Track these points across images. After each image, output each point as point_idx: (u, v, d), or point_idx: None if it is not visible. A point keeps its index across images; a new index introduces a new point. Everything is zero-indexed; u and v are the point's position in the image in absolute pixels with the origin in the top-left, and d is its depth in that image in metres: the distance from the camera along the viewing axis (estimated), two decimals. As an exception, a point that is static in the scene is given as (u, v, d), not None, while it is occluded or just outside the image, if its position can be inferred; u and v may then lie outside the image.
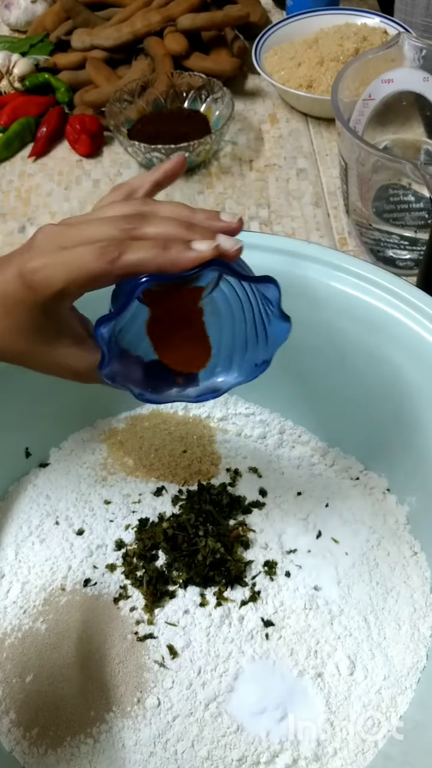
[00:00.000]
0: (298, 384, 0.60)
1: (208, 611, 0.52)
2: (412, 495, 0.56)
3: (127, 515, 0.57)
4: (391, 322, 0.52)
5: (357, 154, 0.67)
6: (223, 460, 0.61)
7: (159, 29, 0.93)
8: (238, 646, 0.50)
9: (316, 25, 0.94)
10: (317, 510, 0.58)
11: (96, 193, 0.85)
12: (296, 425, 0.63)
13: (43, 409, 0.59)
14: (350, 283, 0.54)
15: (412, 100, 0.74)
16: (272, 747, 0.47)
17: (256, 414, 0.63)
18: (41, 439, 0.61)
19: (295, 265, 0.55)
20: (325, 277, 0.54)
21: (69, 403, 0.61)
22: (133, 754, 0.47)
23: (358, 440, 0.60)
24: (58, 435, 0.62)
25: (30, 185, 0.87)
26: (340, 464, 0.60)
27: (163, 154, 0.82)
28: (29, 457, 0.60)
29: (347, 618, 0.52)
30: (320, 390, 0.59)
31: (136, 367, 0.43)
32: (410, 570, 0.54)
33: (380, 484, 0.58)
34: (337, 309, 0.55)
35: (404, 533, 0.56)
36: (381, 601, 0.52)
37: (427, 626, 0.51)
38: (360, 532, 0.56)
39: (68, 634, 0.51)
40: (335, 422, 0.60)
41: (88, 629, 0.52)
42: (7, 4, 1.06)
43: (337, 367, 0.57)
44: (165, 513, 0.58)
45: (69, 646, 0.51)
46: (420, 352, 0.51)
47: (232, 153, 0.88)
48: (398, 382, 0.53)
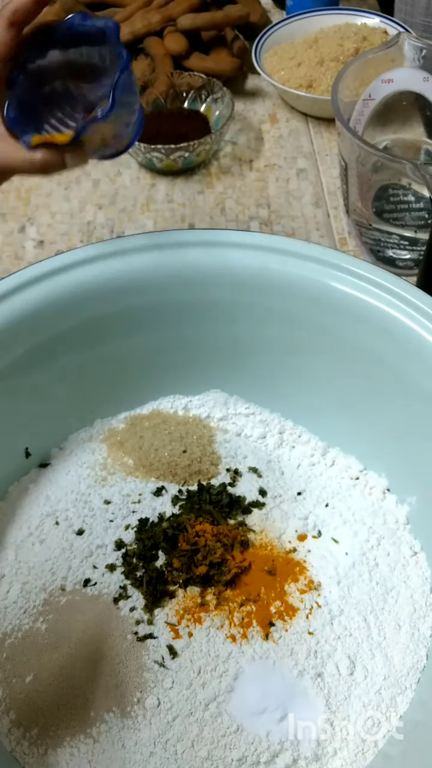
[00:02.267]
0: (298, 384, 0.60)
1: (208, 611, 0.52)
2: (412, 495, 0.56)
3: (127, 515, 0.57)
4: (391, 321, 0.52)
5: (357, 154, 0.67)
6: (223, 460, 0.61)
7: (159, 29, 0.94)
8: (238, 646, 0.50)
9: (316, 25, 0.94)
10: (317, 510, 0.58)
11: (96, 192, 0.85)
12: (296, 425, 0.63)
13: (43, 409, 0.59)
14: (350, 283, 0.54)
15: (412, 100, 0.74)
16: (272, 747, 0.47)
17: (256, 414, 0.63)
18: (41, 439, 0.61)
19: (295, 265, 0.55)
20: (325, 277, 0.54)
21: (68, 403, 0.61)
22: (133, 754, 0.47)
23: (358, 440, 0.60)
24: (58, 435, 0.62)
25: (30, 185, 0.87)
26: (340, 464, 0.60)
27: (163, 154, 0.82)
28: (29, 457, 0.60)
29: (347, 618, 0.52)
30: (320, 390, 0.59)
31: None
32: (410, 570, 0.54)
33: (380, 483, 0.58)
34: (337, 309, 0.55)
35: (404, 533, 0.56)
36: (381, 601, 0.52)
37: (427, 626, 0.51)
38: (360, 532, 0.56)
39: (68, 634, 0.51)
40: (335, 422, 0.60)
41: (88, 629, 0.52)
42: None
43: (337, 367, 0.57)
44: (165, 513, 0.58)
45: (69, 646, 0.51)
46: (420, 351, 0.51)
47: (232, 153, 0.88)
48: (398, 381, 0.53)
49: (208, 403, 0.64)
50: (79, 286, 0.56)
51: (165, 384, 0.64)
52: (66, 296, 0.55)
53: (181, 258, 0.57)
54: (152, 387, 0.64)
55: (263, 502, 0.58)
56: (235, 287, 0.57)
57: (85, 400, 0.62)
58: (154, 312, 0.59)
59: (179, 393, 0.64)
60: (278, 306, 0.57)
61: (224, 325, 0.60)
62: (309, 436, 0.62)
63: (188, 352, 0.62)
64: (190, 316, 0.60)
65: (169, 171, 0.86)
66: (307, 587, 0.53)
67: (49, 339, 0.57)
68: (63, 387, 0.60)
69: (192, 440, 0.62)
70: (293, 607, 0.52)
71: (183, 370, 0.63)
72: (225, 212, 0.82)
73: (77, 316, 0.57)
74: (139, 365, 0.62)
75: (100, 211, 0.83)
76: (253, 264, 0.56)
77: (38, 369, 0.57)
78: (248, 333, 0.60)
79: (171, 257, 0.57)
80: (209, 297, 0.58)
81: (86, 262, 0.56)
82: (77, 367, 0.59)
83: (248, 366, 0.62)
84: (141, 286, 0.57)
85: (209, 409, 0.64)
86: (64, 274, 0.55)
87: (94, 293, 0.56)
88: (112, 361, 0.60)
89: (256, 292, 0.57)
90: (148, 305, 0.59)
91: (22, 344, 0.55)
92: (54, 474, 0.60)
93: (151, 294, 0.58)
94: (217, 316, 0.59)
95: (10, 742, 0.48)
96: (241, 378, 0.63)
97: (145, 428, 0.62)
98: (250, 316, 0.59)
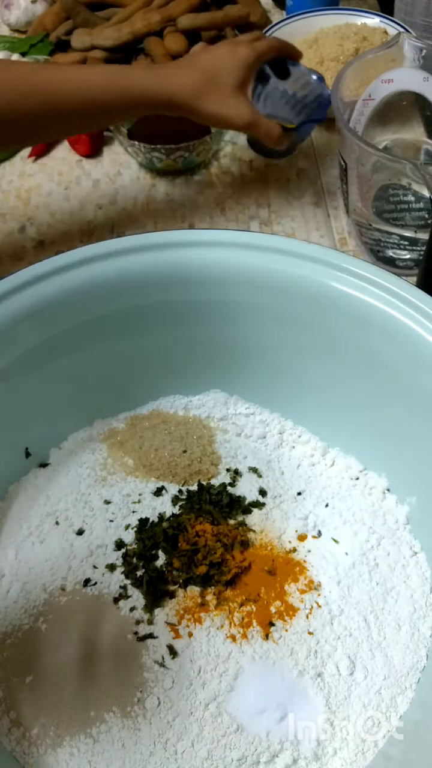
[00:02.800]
0: (298, 384, 0.60)
1: (208, 611, 0.52)
2: (412, 495, 0.56)
3: (127, 515, 0.57)
4: (391, 322, 0.52)
5: (357, 154, 0.67)
6: (223, 460, 0.61)
7: (159, 29, 0.94)
8: (238, 645, 0.50)
9: (316, 25, 0.94)
10: (317, 510, 0.58)
11: (96, 193, 0.85)
12: (296, 425, 0.63)
13: (43, 409, 0.59)
14: (351, 283, 0.54)
15: (412, 100, 0.74)
16: (272, 747, 0.47)
17: (256, 414, 0.63)
18: (41, 439, 0.61)
19: (295, 265, 0.55)
20: (325, 277, 0.54)
21: (68, 403, 0.61)
22: (133, 753, 0.47)
23: (358, 440, 0.60)
24: (58, 435, 0.62)
25: (30, 185, 0.87)
26: (340, 464, 0.60)
27: (163, 154, 0.82)
28: (29, 457, 0.60)
29: (347, 618, 0.52)
30: (320, 390, 0.60)
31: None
32: (410, 570, 0.54)
33: (380, 483, 0.58)
34: (337, 309, 0.55)
35: (404, 533, 0.56)
36: (381, 601, 0.52)
37: (427, 626, 0.51)
38: (360, 532, 0.56)
39: (68, 634, 0.51)
40: (335, 422, 0.60)
41: (88, 629, 0.52)
42: (7, 4, 1.06)
43: (337, 367, 0.57)
44: (165, 513, 0.58)
45: (69, 646, 0.51)
46: (420, 352, 0.51)
47: (232, 153, 0.88)
48: (398, 381, 0.53)
49: (208, 403, 0.64)
50: (80, 286, 0.56)
51: (165, 384, 0.64)
52: (66, 296, 0.55)
53: (180, 258, 0.57)
54: (152, 387, 0.64)
55: (263, 502, 0.58)
56: (235, 287, 0.57)
57: (85, 400, 0.62)
58: (154, 312, 0.59)
59: (179, 393, 0.64)
60: (278, 306, 0.57)
61: (224, 326, 0.60)
62: (309, 436, 0.62)
63: (188, 352, 0.62)
64: (190, 316, 0.60)
65: (169, 171, 0.86)
66: (307, 587, 0.53)
67: (49, 339, 0.57)
68: (63, 387, 0.60)
69: (192, 440, 0.62)
70: (293, 606, 0.52)
71: (183, 370, 0.63)
72: (225, 212, 0.82)
73: (77, 316, 0.57)
74: (139, 365, 0.62)
75: (100, 211, 0.83)
76: (254, 264, 0.56)
77: (38, 369, 0.57)
78: (248, 333, 0.60)
79: (171, 257, 0.57)
80: (209, 297, 0.58)
81: (86, 262, 0.56)
82: (77, 367, 0.59)
83: (248, 366, 0.62)
84: (141, 286, 0.57)
85: (209, 409, 0.64)
86: (64, 274, 0.55)
87: (94, 293, 0.56)
88: (112, 360, 0.60)
89: (257, 293, 0.57)
90: (149, 305, 0.59)
91: (22, 344, 0.55)
92: (54, 474, 0.60)
93: (152, 294, 0.58)
94: (217, 316, 0.59)
95: (10, 742, 0.48)
96: (241, 378, 0.63)
97: (145, 428, 0.62)
98: (250, 317, 0.59)
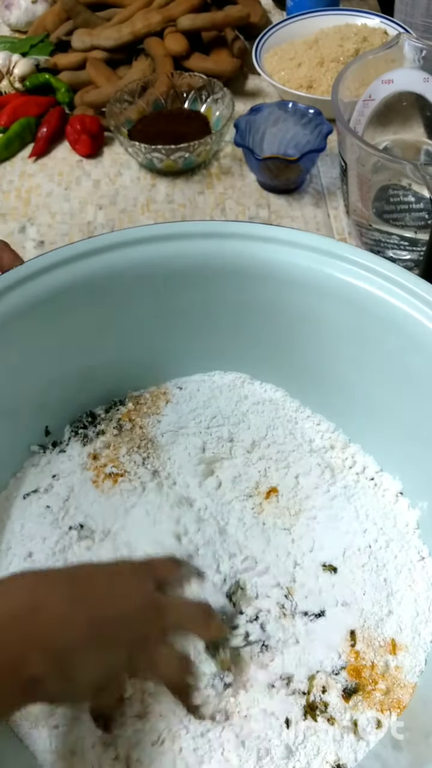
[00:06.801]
0: (316, 378, 0.60)
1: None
2: (424, 500, 0.55)
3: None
4: (420, 328, 0.51)
5: (357, 155, 0.67)
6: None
7: (159, 29, 0.94)
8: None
9: (317, 25, 0.94)
10: (323, 509, 0.57)
11: (96, 193, 0.85)
12: (314, 413, 0.62)
13: (42, 406, 0.59)
14: (377, 284, 0.53)
15: (412, 100, 0.74)
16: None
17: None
18: (41, 436, 0.61)
19: (332, 265, 0.55)
20: (353, 277, 0.54)
21: (68, 402, 0.61)
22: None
23: (377, 441, 0.59)
24: (57, 434, 0.62)
25: (30, 185, 0.87)
26: (359, 463, 0.59)
27: (163, 154, 0.82)
28: (28, 451, 0.60)
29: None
30: (338, 386, 0.59)
31: None
32: (416, 574, 0.53)
33: (394, 486, 0.58)
34: (365, 311, 0.54)
35: (413, 537, 0.55)
36: (384, 603, 0.52)
37: (428, 631, 0.51)
38: (369, 532, 0.55)
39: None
40: (360, 421, 0.59)
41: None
42: (8, 5, 1.07)
43: (364, 367, 0.57)
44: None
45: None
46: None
47: (232, 153, 0.88)
48: (419, 385, 0.52)
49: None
50: (85, 277, 0.56)
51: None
52: (67, 288, 0.55)
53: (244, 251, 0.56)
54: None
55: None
56: (282, 286, 0.57)
57: (85, 400, 0.62)
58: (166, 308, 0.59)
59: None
60: (314, 308, 0.57)
61: (254, 324, 0.60)
62: (328, 424, 0.61)
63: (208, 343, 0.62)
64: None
65: (169, 171, 0.86)
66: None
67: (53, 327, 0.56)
68: (62, 386, 0.60)
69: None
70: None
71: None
72: (225, 212, 0.82)
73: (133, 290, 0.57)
74: (144, 359, 0.62)
75: (100, 212, 0.83)
76: (253, 257, 0.56)
77: (50, 343, 0.57)
78: (284, 332, 0.60)
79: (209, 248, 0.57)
80: (288, 299, 0.58)
81: (88, 255, 0.56)
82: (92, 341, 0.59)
83: (297, 366, 0.61)
84: (151, 277, 0.57)
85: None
86: (68, 265, 0.55)
87: (101, 284, 0.56)
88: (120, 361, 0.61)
89: (292, 290, 0.57)
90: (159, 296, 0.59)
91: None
92: (53, 472, 0.60)
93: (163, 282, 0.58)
94: (252, 315, 0.60)
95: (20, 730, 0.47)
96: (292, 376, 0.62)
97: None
98: (288, 317, 0.59)
